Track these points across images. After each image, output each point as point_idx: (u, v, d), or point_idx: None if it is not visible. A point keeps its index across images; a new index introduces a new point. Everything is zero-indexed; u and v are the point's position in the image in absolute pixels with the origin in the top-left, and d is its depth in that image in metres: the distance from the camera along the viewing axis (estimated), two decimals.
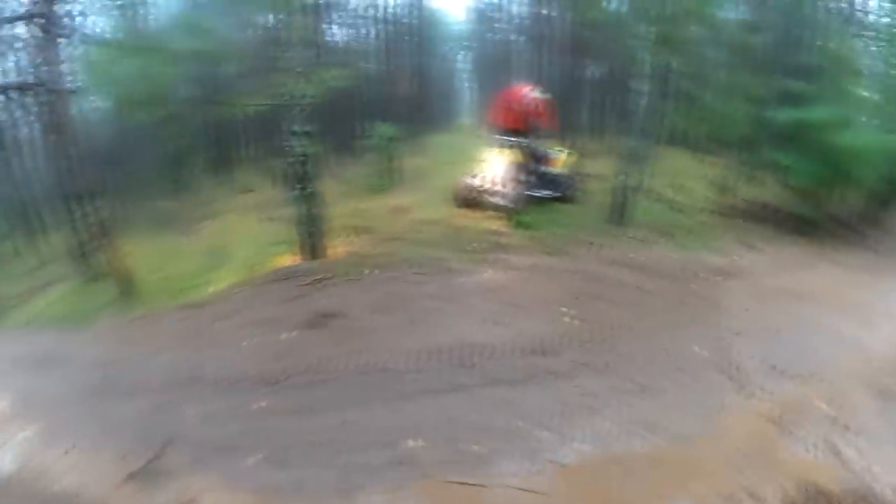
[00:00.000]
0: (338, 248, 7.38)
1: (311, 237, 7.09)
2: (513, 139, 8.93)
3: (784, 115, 9.00)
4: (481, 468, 3.09)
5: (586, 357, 4.54)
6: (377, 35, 14.64)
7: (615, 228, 8.49)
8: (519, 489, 3.01)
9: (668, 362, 4.62)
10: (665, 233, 8.48)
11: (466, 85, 22.16)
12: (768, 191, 10.37)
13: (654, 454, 3.52)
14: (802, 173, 8.85)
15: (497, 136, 9.17)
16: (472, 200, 8.97)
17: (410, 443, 3.24)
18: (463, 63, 21.92)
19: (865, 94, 10.12)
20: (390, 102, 13.28)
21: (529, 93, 8.96)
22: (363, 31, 14.68)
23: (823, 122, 8.48)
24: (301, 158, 6.87)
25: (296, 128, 6.72)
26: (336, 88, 7.32)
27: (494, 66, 16.91)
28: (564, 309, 5.32)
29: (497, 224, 8.19)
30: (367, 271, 6.14)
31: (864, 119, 9.42)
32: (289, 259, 7.12)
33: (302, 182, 6.96)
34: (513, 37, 16.62)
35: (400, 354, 4.45)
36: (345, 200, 9.40)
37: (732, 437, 3.78)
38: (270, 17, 9.98)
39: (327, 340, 4.69)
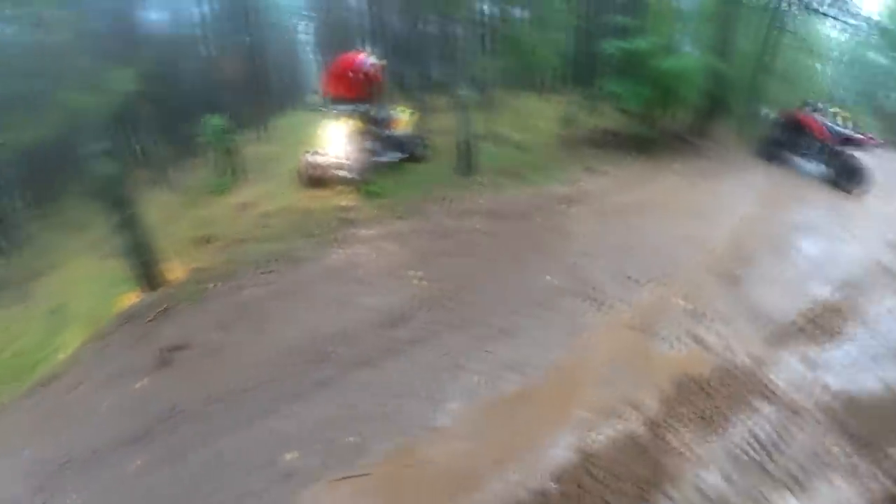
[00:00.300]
0: (179, 268, 6.47)
1: (145, 267, 6.02)
2: (351, 107, 8.40)
3: (613, 48, 9.72)
4: (362, 457, 2.99)
5: (441, 316, 4.34)
6: (199, 15, 13.06)
7: (464, 179, 8.41)
8: (404, 466, 2.94)
9: (523, 300, 4.52)
10: (513, 174, 8.70)
11: (312, 57, 20.74)
12: (608, 119, 11.09)
13: (528, 392, 3.47)
14: (634, 98, 9.57)
15: (335, 107, 8.57)
16: (318, 179, 8.29)
17: (288, 455, 3.07)
18: (306, 33, 20.47)
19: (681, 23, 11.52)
20: (220, 90, 11.91)
21: (362, 58, 8.49)
22: (180, 12, 12.91)
23: (647, 50, 9.33)
24: (106, 182, 5.64)
25: (90, 148, 5.48)
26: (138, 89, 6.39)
27: (335, 32, 16.01)
28: (413, 272, 5.00)
29: (346, 199, 7.69)
30: (211, 286, 5.38)
31: (682, 45, 10.64)
32: (131, 297, 6.14)
33: (117, 208, 5.78)
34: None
35: (254, 369, 3.90)
36: (185, 211, 8.47)
37: (600, 354, 3.88)
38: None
39: (178, 377, 4.12)
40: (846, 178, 8.42)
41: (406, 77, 13.82)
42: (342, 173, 8.06)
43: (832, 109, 9.74)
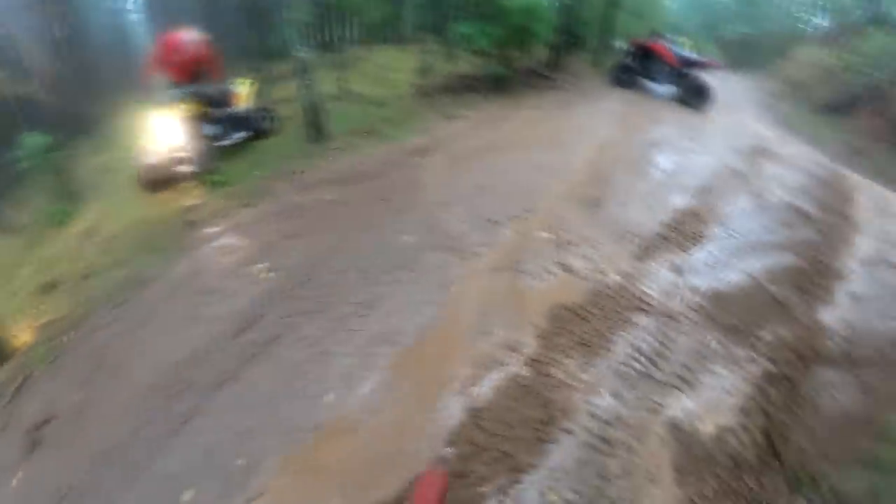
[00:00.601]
0: (27, 329, 5.29)
1: None
2: (181, 91, 7.28)
3: None
4: (254, 477, 2.73)
5: (296, 306, 3.88)
6: None
7: (316, 147, 7.75)
8: (298, 475, 2.69)
9: (383, 266, 4.16)
10: (368, 132, 8.17)
11: (147, 39, 18.00)
12: (466, 63, 10.93)
13: (404, 362, 3.24)
14: (485, 38, 9.39)
15: (165, 93, 7.39)
16: (160, 181, 7.17)
17: (185, 496, 2.78)
18: (135, 12, 17.58)
19: None
20: (34, 97, 9.81)
21: (183, 35, 7.31)
22: None
23: None
24: None
25: None
26: None
27: (169, 7, 13.89)
28: (260, 266, 4.43)
29: (191, 197, 6.75)
30: (64, 339, 4.45)
31: None
32: None
33: None
34: None
35: (120, 421, 3.40)
36: (25, 254, 6.96)
37: (471, 304, 3.65)
38: None
39: (53, 455, 3.49)
40: (693, 96, 9.46)
41: (247, 46, 12.55)
42: (184, 168, 7.05)
43: (679, 39, 10.83)
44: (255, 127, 8.37)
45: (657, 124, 7.46)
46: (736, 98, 13.04)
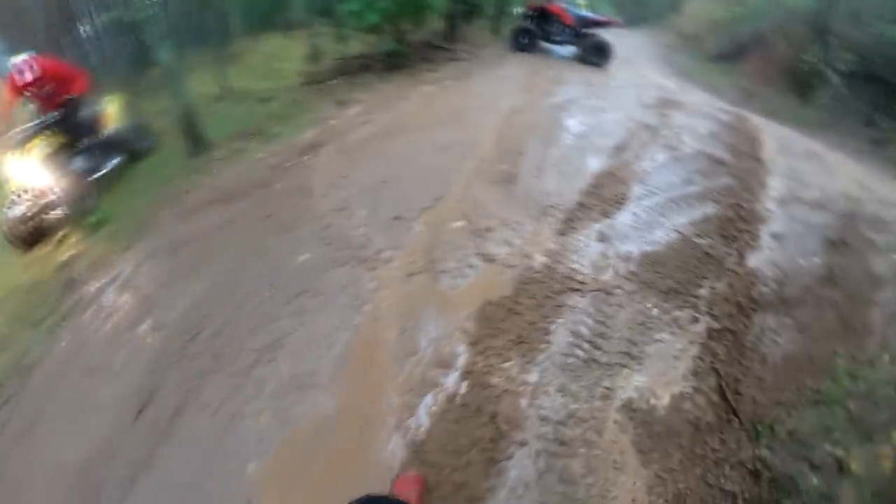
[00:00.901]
0: None
1: None
2: (36, 124, 6.09)
3: None
4: None
5: (191, 367, 3.24)
6: None
7: (198, 160, 6.86)
8: None
9: (282, 297, 3.54)
10: (255, 133, 7.36)
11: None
12: (358, 43, 10.25)
13: (327, 404, 2.77)
14: (373, 13, 8.70)
15: (20, 131, 6.15)
16: (31, 234, 5.91)
17: None
18: None
19: None
20: None
21: (20, 62, 6.04)
22: None
23: None
24: None
25: None
26: None
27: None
28: (146, 324, 3.69)
29: (70, 246, 5.67)
30: None
31: None
32: None
33: None
34: None
35: None
36: None
37: (390, 322, 3.14)
38: None
39: None
40: (594, 55, 9.58)
41: (114, 56, 11.14)
42: (56, 214, 5.89)
43: (579, 0, 10.85)
44: (131, 148, 7.30)
45: (562, 86, 7.27)
46: (635, 53, 13.41)
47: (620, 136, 5.48)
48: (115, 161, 6.99)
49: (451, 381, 2.75)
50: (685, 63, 13.69)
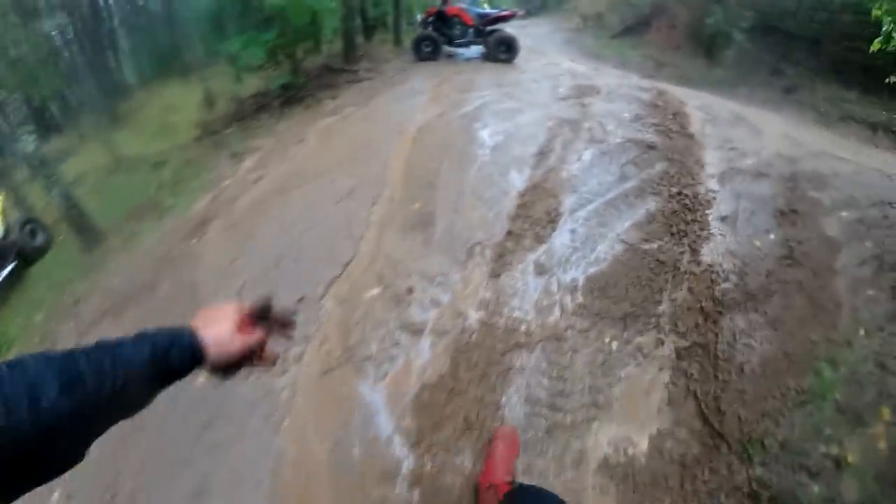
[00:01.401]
0: None
1: None
2: None
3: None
4: None
5: None
6: None
7: (91, 256, 6.15)
8: None
9: (190, 432, 2.88)
10: (148, 208, 6.71)
11: None
12: (255, 79, 9.39)
13: None
14: (259, 49, 7.87)
15: None
16: None
17: None
18: None
19: None
20: None
21: None
22: None
23: None
24: None
25: None
26: None
27: None
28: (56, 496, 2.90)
29: None
30: None
31: None
32: None
33: None
34: None
35: None
36: None
37: (315, 443, 2.57)
38: None
39: None
40: (500, 51, 9.08)
41: None
42: None
43: None
44: (21, 251, 6.49)
45: (472, 91, 6.66)
46: (542, 42, 13.11)
47: (541, 140, 4.89)
48: (6, 271, 6.20)
49: (399, 494, 2.21)
50: (592, 43, 13.51)
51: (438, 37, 9.47)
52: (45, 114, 17.08)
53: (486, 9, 10.39)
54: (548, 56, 10.46)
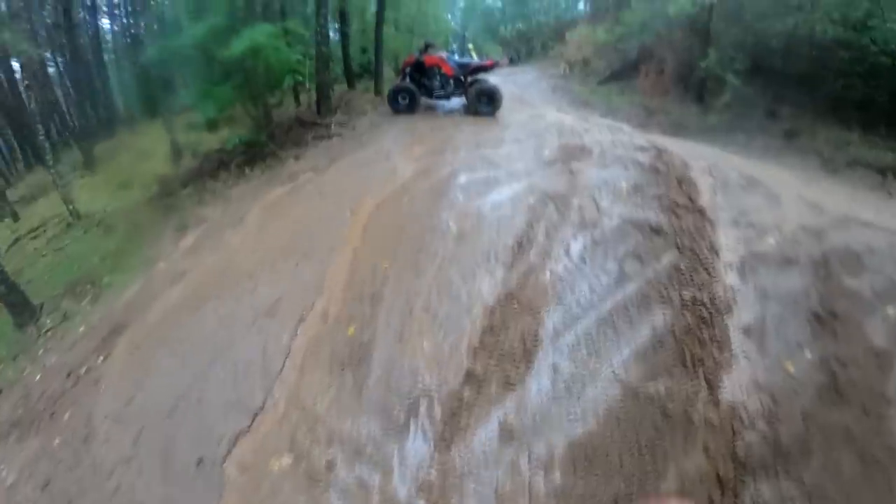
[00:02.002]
0: None
1: None
2: None
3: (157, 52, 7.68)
4: None
5: None
6: None
7: (24, 335, 5.54)
8: None
9: None
10: (86, 284, 5.95)
11: None
12: (225, 131, 8.38)
13: None
14: (215, 104, 6.87)
15: None
16: None
17: None
18: None
19: None
20: None
21: None
22: None
23: (208, 38, 6.79)
24: None
25: None
26: None
27: None
28: None
29: None
30: None
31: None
32: None
33: None
34: None
35: None
36: None
37: None
38: None
39: None
40: (482, 103, 8.09)
41: None
42: None
43: (469, 45, 9.61)
44: None
45: (446, 153, 5.58)
46: (527, 89, 12.23)
47: (520, 225, 3.76)
48: None
49: None
50: (579, 89, 12.61)
51: (416, 89, 8.45)
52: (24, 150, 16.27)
53: (471, 58, 9.50)
54: (533, 105, 9.49)
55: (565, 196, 4.11)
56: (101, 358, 3.90)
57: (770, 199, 4.63)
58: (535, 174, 4.65)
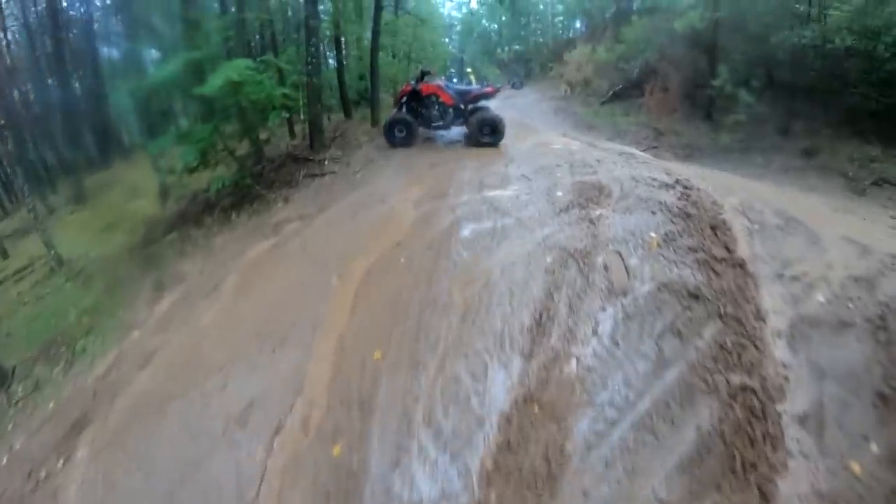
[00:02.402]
0: None
1: None
2: None
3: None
4: None
5: None
6: None
7: None
8: None
9: None
10: (61, 347, 5.50)
11: None
12: (209, 173, 7.89)
13: None
14: (195, 147, 6.37)
15: None
16: None
17: None
18: None
19: None
20: None
21: None
22: None
23: (180, 75, 6.27)
24: None
25: None
26: None
27: None
28: None
29: None
30: None
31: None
32: None
33: None
34: None
35: None
36: None
37: None
38: None
39: None
40: (483, 133, 7.48)
41: None
42: None
43: (468, 70, 9.19)
44: None
45: (447, 196, 5.02)
46: (529, 113, 11.75)
47: (538, 295, 3.15)
48: None
49: None
50: (582, 111, 12.13)
51: (413, 120, 7.94)
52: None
53: (471, 82, 9.01)
54: (536, 131, 8.96)
55: (588, 253, 3.52)
56: (62, 461, 3.34)
57: (811, 242, 4.05)
58: (550, 223, 4.06)
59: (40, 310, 6.88)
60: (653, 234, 3.69)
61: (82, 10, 14.15)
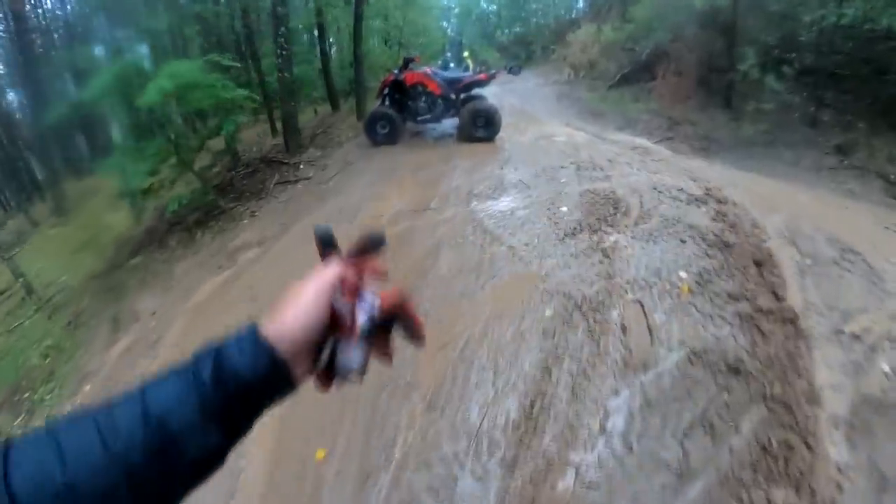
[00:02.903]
0: None
1: None
2: None
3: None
4: None
5: None
6: None
7: None
8: None
9: None
10: (14, 398, 5.16)
11: None
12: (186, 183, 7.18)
13: None
14: (136, 177, 5.58)
15: None
16: None
17: None
18: None
19: None
20: None
21: None
22: None
23: (120, 81, 5.55)
24: None
25: None
26: None
27: None
28: None
29: None
30: None
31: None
32: None
33: None
34: None
35: None
36: None
37: None
38: None
39: None
40: (478, 126, 6.62)
41: None
42: None
43: (465, 53, 9.43)
44: None
45: (428, 211, 4.20)
46: (530, 99, 10.82)
47: (530, 372, 2.35)
48: None
49: None
50: (587, 96, 11.18)
51: (397, 114, 7.09)
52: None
53: (468, 65, 8.10)
54: (538, 120, 8.07)
55: (600, 303, 2.71)
56: None
57: (871, 282, 3.21)
58: (552, 254, 3.25)
59: (11, 344, 6.49)
60: (683, 275, 2.88)
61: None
